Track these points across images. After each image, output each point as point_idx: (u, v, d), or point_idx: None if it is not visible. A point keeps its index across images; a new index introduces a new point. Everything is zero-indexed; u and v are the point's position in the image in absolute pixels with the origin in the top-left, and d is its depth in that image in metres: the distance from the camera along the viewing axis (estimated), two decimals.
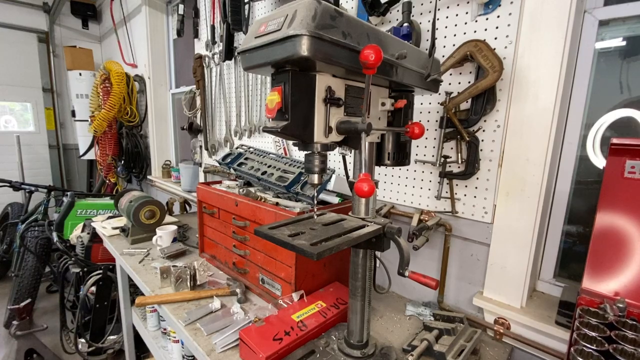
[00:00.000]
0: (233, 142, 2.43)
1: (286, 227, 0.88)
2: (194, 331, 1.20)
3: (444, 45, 1.27)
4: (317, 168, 0.79)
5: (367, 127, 0.71)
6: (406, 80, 0.87)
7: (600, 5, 1.06)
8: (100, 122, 3.34)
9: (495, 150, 1.19)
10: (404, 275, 0.88)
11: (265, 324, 1.11)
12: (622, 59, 1.08)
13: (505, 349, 1.17)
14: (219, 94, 2.48)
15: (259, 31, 0.68)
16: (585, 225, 1.20)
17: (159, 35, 3.28)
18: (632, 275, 0.87)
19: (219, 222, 1.67)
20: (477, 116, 1.19)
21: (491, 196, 1.21)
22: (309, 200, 1.41)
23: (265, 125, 0.72)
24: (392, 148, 0.98)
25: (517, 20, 1.09)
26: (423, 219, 1.35)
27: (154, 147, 3.49)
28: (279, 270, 1.34)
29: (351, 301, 1.02)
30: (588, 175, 1.17)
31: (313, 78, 0.71)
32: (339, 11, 0.67)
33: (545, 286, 1.28)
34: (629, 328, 0.80)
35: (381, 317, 1.33)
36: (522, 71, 1.09)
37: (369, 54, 0.62)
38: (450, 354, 1.00)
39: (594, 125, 1.11)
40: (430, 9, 1.30)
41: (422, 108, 1.37)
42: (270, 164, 1.67)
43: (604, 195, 0.93)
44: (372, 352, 1.04)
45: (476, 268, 1.29)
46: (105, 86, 3.34)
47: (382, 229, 0.90)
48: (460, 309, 1.34)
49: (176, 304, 1.38)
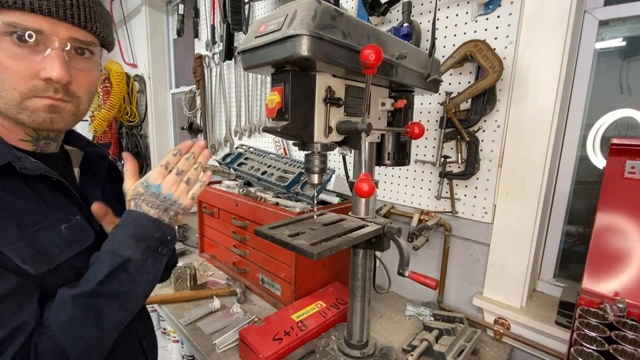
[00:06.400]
0: (233, 142, 2.43)
1: (286, 227, 0.88)
2: (194, 331, 1.20)
3: (444, 45, 1.27)
4: (317, 168, 0.78)
5: (367, 127, 0.71)
6: (406, 80, 0.87)
7: (600, 5, 1.06)
8: (100, 122, 3.33)
9: (495, 150, 1.19)
10: (404, 275, 0.88)
11: (265, 324, 1.11)
12: (622, 59, 1.08)
13: (505, 349, 1.17)
14: (219, 94, 2.47)
15: (259, 31, 0.68)
16: (585, 225, 1.20)
17: (159, 35, 3.27)
18: (632, 275, 0.87)
19: (219, 222, 1.66)
20: (477, 116, 1.19)
21: (491, 196, 1.21)
22: (309, 200, 1.41)
23: (265, 125, 0.72)
24: (392, 148, 0.98)
25: (517, 20, 1.09)
26: (423, 219, 1.35)
27: (154, 147, 3.49)
28: (279, 270, 1.34)
29: (351, 301, 1.01)
30: (588, 175, 1.17)
31: (313, 78, 0.71)
32: (339, 11, 0.67)
33: (545, 286, 1.28)
34: (629, 328, 0.80)
35: (381, 317, 1.33)
36: (522, 71, 1.09)
37: (369, 54, 0.62)
38: (450, 354, 1.00)
39: (594, 125, 1.11)
40: (430, 9, 1.30)
41: (422, 108, 1.37)
42: (270, 164, 1.67)
43: (604, 195, 0.93)
44: (372, 352, 1.04)
45: (476, 268, 1.29)
46: (105, 86, 3.33)
47: (382, 229, 0.90)
48: (460, 309, 1.34)
49: (176, 304, 1.38)
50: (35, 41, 0.53)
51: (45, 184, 0.61)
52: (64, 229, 0.59)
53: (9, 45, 0.51)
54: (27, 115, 0.56)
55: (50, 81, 0.55)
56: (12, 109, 0.55)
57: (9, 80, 0.53)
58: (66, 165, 0.71)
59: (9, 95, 0.54)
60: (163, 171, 0.64)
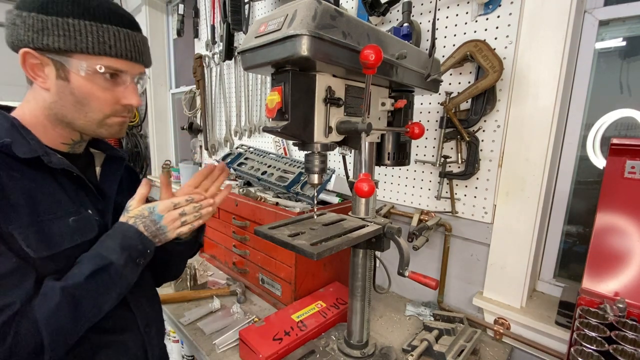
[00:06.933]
0: (233, 142, 2.42)
1: (286, 227, 0.88)
2: (194, 331, 1.20)
3: (444, 45, 1.27)
4: (317, 168, 0.78)
5: (367, 127, 0.71)
6: (406, 80, 0.87)
7: (600, 5, 1.06)
8: None
9: (495, 150, 1.19)
10: (404, 275, 0.88)
11: (265, 324, 1.11)
12: (622, 59, 1.08)
13: (505, 349, 1.17)
14: (219, 94, 2.47)
15: (259, 31, 0.68)
16: (585, 225, 1.20)
17: (159, 35, 3.27)
18: (632, 275, 0.87)
19: (219, 222, 1.66)
20: (477, 116, 1.19)
21: (491, 196, 1.21)
22: (309, 200, 1.41)
23: (265, 125, 0.72)
24: (392, 148, 0.98)
25: (517, 20, 1.09)
26: (423, 219, 1.35)
27: (154, 147, 3.49)
28: (279, 270, 1.34)
29: (351, 301, 1.01)
30: (588, 175, 1.17)
31: (313, 78, 0.71)
32: (339, 11, 0.67)
33: (545, 286, 1.28)
34: (629, 328, 0.80)
35: (381, 317, 1.33)
36: (522, 71, 1.09)
37: (369, 54, 0.62)
38: (450, 354, 1.00)
39: (594, 125, 1.11)
40: (430, 9, 1.30)
41: (422, 108, 1.37)
42: (270, 164, 1.67)
43: (604, 195, 0.93)
44: (372, 352, 1.04)
45: (476, 268, 1.29)
46: None
47: (382, 229, 0.90)
48: (460, 309, 1.34)
49: (176, 304, 1.38)
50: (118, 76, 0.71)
51: (68, 178, 0.72)
52: (72, 221, 0.68)
53: (100, 80, 0.68)
54: (105, 129, 0.74)
55: (129, 106, 0.74)
56: (93, 125, 0.72)
57: (98, 106, 0.70)
58: (90, 165, 0.83)
59: (94, 116, 0.71)
60: (171, 207, 0.75)
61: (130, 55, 0.70)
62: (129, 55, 0.70)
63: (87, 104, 0.69)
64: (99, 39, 0.65)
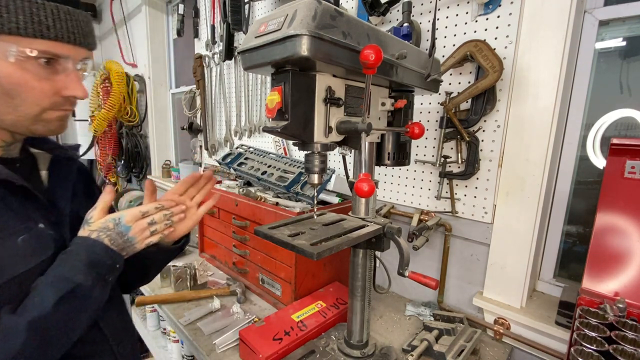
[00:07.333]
0: (233, 142, 2.42)
1: (286, 227, 0.88)
2: (194, 331, 1.20)
3: (444, 45, 1.27)
4: (317, 168, 0.78)
5: (367, 127, 0.71)
6: (406, 80, 0.87)
7: (600, 5, 1.06)
8: (100, 121, 3.33)
9: (495, 150, 1.19)
10: (404, 275, 0.88)
11: (265, 324, 1.11)
12: (622, 59, 1.08)
13: (505, 349, 1.17)
14: (219, 94, 2.47)
15: (259, 31, 0.68)
16: (585, 225, 1.20)
17: (159, 35, 3.27)
18: (632, 275, 0.87)
19: (219, 222, 1.66)
20: (477, 116, 1.19)
21: (491, 196, 1.21)
22: (309, 200, 1.41)
23: (265, 125, 0.72)
24: (392, 148, 0.98)
25: (517, 20, 1.09)
26: (423, 219, 1.35)
27: (154, 147, 3.49)
28: (279, 270, 1.34)
29: (351, 301, 1.01)
30: (588, 175, 1.17)
31: (313, 78, 0.71)
32: (339, 11, 0.67)
33: (545, 286, 1.28)
34: (629, 328, 0.80)
35: (381, 317, 1.33)
36: (522, 71, 1.09)
37: (369, 54, 0.62)
38: (450, 354, 1.00)
39: (594, 125, 1.11)
40: (430, 9, 1.30)
41: (422, 108, 1.37)
42: (270, 164, 1.67)
43: (604, 195, 0.93)
44: (372, 352, 1.04)
45: (476, 268, 1.29)
46: (105, 86, 3.33)
47: (382, 229, 0.90)
48: (460, 309, 1.34)
49: (176, 303, 1.38)
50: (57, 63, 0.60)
51: (7, 190, 0.60)
52: (21, 241, 0.58)
53: (35, 67, 0.57)
54: (42, 126, 0.62)
55: (71, 98, 0.63)
56: (27, 121, 0.60)
57: (32, 98, 0.59)
58: (32, 169, 0.71)
59: (28, 110, 0.59)
60: (139, 216, 0.66)
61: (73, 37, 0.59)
62: (71, 37, 0.58)
63: (17, 96, 0.57)
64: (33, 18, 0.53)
